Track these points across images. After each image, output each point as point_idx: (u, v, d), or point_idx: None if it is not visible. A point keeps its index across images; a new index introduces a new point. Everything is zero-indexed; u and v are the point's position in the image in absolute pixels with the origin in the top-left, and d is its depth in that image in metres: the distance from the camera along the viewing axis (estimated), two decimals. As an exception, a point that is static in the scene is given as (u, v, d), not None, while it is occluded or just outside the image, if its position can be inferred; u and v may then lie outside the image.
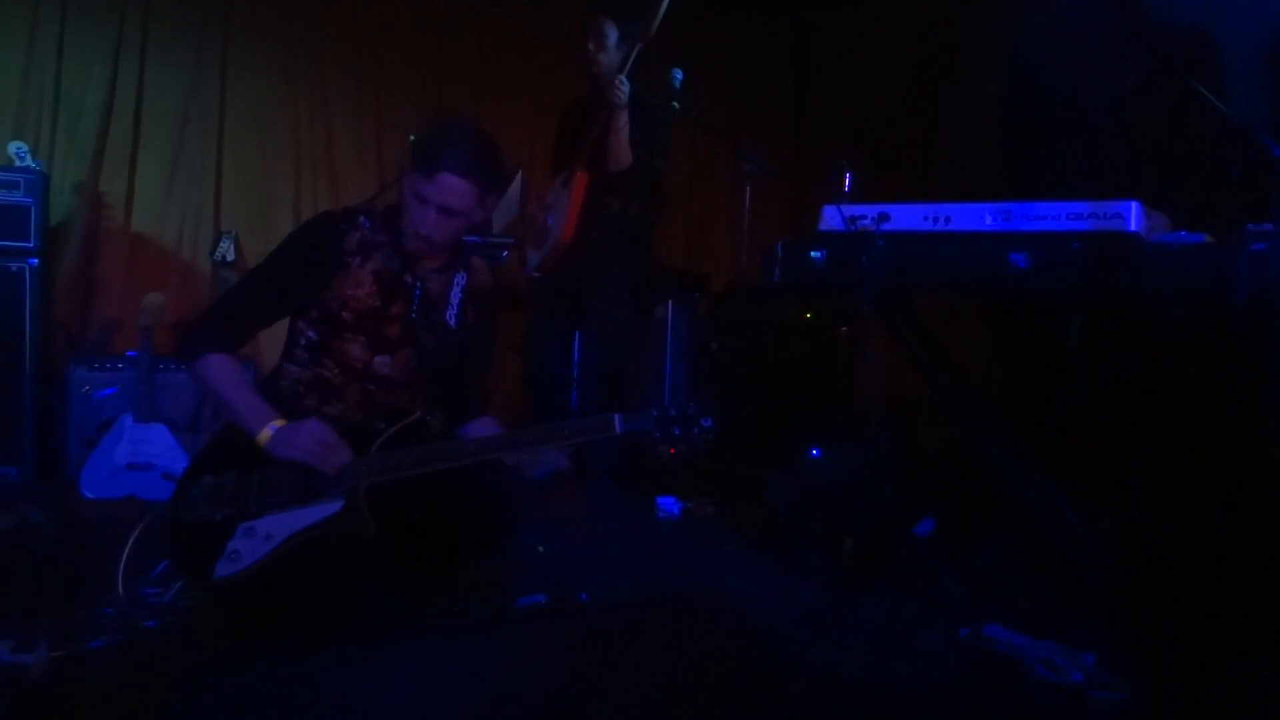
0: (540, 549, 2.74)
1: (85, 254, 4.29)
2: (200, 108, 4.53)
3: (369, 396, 2.15)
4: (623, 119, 3.39)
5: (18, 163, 3.74)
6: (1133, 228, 2.16)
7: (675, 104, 3.67)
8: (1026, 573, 2.48)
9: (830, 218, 2.55)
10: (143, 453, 3.47)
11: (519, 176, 4.44)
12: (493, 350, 2.52)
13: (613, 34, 3.53)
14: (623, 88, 3.32)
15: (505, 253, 4.37)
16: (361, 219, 2.17)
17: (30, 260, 3.66)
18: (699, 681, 1.85)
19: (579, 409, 3.96)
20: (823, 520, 2.74)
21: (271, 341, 2.72)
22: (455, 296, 2.23)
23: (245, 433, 2.01)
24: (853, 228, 2.48)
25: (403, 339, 2.17)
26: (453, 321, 2.21)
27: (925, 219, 2.45)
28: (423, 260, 2.21)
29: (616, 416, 1.92)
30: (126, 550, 2.10)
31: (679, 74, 3.66)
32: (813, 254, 2.55)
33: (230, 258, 3.99)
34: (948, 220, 2.42)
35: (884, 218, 2.46)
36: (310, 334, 2.15)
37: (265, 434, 1.98)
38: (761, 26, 5.95)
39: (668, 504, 3.52)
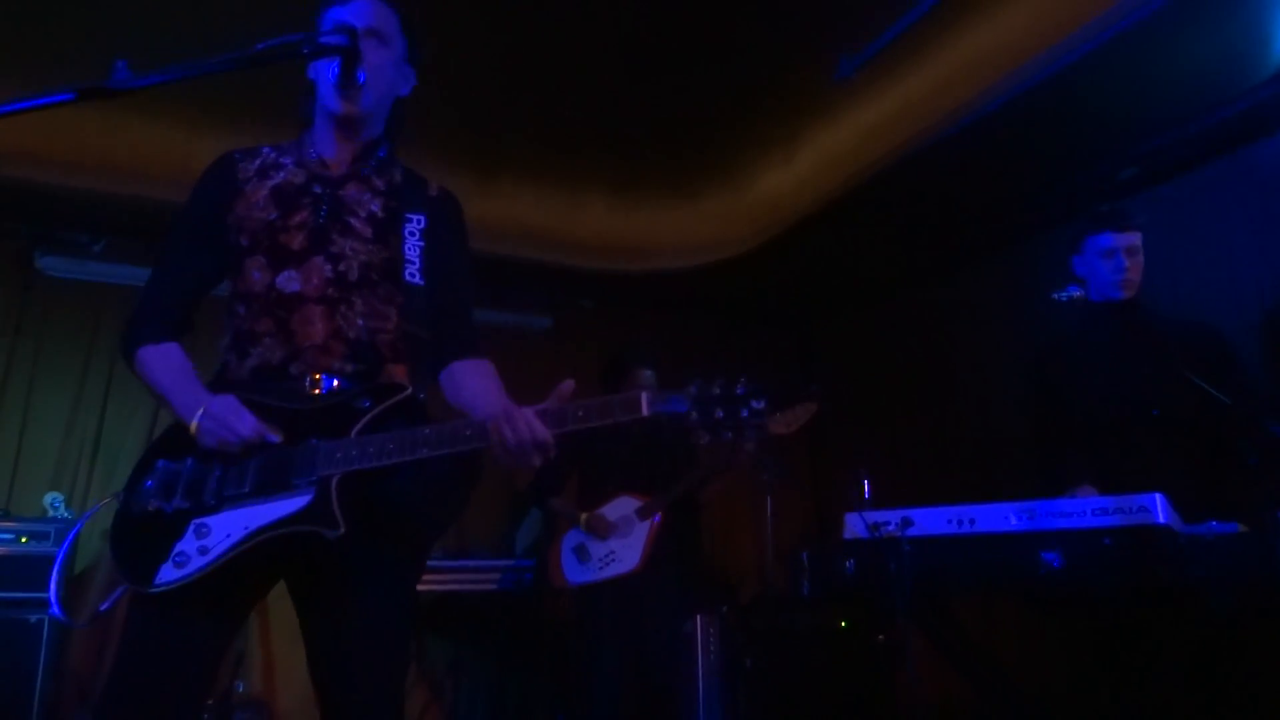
0: None
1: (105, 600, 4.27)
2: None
3: (283, 326, 1.75)
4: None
5: (51, 513, 3.82)
6: (1162, 520, 2.15)
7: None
8: None
9: (853, 525, 2.55)
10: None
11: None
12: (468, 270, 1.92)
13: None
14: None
15: (529, 575, 4.34)
16: (263, 148, 1.90)
17: (50, 611, 3.62)
18: None
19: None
20: None
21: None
22: (413, 245, 1.83)
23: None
24: (877, 534, 2.46)
25: (309, 248, 1.78)
26: (415, 270, 1.80)
27: (950, 522, 2.44)
28: (344, 159, 1.87)
29: (644, 395, 1.57)
30: (63, 552, 1.74)
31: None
32: (842, 562, 2.52)
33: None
34: (973, 522, 2.40)
35: (908, 523, 2.45)
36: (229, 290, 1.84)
37: (193, 426, 1.66)
38: (767, 337, 6.27)
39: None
